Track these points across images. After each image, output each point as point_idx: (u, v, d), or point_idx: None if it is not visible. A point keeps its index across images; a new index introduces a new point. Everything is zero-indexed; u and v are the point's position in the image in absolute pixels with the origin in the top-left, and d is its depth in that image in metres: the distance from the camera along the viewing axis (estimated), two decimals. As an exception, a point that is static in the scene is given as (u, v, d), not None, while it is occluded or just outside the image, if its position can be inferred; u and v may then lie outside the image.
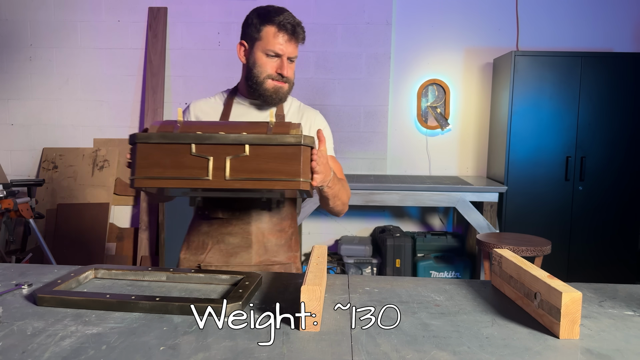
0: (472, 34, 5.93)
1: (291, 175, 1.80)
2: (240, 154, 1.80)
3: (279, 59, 2.29)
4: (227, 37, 5.90)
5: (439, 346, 1.36)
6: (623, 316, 1.62)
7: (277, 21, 2.25)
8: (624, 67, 5.29)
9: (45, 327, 1.44)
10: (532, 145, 5.38)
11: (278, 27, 2.25)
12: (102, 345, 1.33)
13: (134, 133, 1.83)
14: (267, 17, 2.27)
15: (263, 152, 1.80)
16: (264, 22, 2.27)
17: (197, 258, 2.36)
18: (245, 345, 1.34)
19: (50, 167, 5.91)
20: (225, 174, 1.80)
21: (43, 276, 1.92)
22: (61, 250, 5.64)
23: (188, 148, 1.80)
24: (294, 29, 2.27)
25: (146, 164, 1.81)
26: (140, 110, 5.99)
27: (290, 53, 2.29)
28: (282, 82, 2.32)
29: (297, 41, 2.30)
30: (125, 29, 5.94)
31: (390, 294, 1.79)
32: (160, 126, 1.89)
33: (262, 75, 2.30)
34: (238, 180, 1.80)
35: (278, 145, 1.81)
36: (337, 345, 1.35)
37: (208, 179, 1.80)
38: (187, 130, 1.87)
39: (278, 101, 2.36)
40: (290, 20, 2.26)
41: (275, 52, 2.27)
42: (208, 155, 1.80)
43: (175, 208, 5.38)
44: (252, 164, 1.80)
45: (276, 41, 2.26)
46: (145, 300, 1.58)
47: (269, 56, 2.28)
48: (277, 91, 2.32)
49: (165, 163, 1.81)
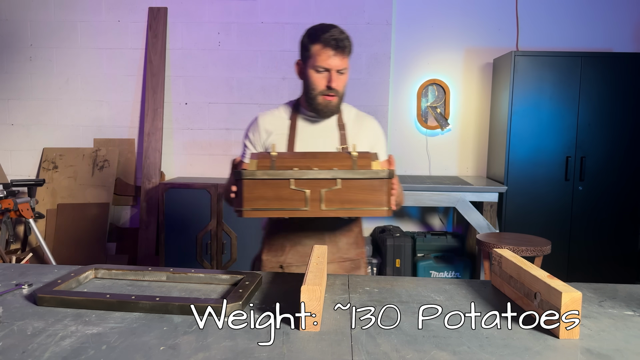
0: (472, 34, 5.93)
1: (377, 205, 2.00)
2: (333, 187, 1.99)
3: (328, 73, 2.44)
4: (227, 37, 5.90)
5: (439, 346, 1.36)
6: (623, 316, 1.63)
7: (323, 39, 2.40)
8: (624, 67, 5.29)
9: (45, 327, 1.44)
10: (532, 145, 5.38)
11: (323, 44, 2.40)
12: (102, 345, 1.33)
13: (240, 170, 2.02)
14: (314, 35, 2.44)
15: (353, 184, 2.00)
16: (312, 41, 2.45)
17: (278, 259, 2.56)
18: (245, 345, 1.34)
19: (50, 167, 5.91)
20: (320, 204, 2.00)
21: (43, 276, 1.93)
22: (61, 250, 5.64)
23: (287, 183, 1.99)
24: (337, 44, 2.40)
25: (252, 197, 2.01)
26: (140, 110, 5.99)
27: (337, 66, 2.43)
28: (331, 96, 2.48)
29: (343, 54, 2.43)
30: (126, 29, 5.94)
31: (390, 294, 1.80)
32: (258, 160, 2.08)
33: (314, 91, 2.49)
34: (332, 210, 2.00)
35: (366, 179, 2.00)
36: (337, 345, 1.35)
37: (306, 209, 2.00)
38: (282, 163, 2.06)
39: (330, 114, 2.55)
40: (335, 36, 2.40)
41: (323, 67, 2.43)
42: (305, 188, 1.99)
43: (176, 209, 5.38)
44: (343, 195, 2.00)
45: (322, 57, 2.42)
46: (146, 300, 1.58)
47: (318, 72, 2.45)
48: (327, 105, 2.50)
49: (268, 196, 2.00)
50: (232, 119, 5.96)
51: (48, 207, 5.80)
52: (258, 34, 5.88)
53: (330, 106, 2.51)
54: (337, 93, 2.49)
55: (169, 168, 6.04)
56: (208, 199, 5.34)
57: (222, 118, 5.97)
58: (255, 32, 5.88)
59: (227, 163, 5.99)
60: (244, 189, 2.01)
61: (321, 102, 2.49)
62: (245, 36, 5.89)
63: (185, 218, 5.40)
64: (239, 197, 2.04)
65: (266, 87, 5.93)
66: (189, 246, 5.41)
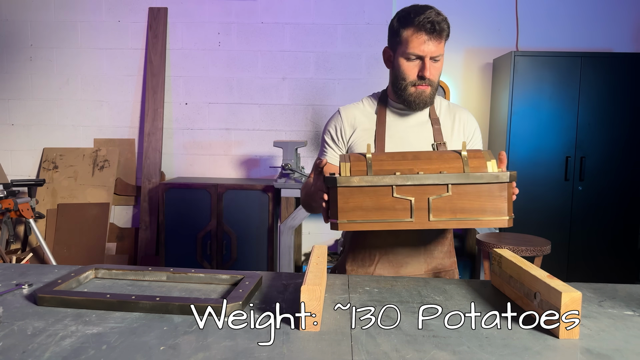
0: (472, 35, 5.93)
1: (497, 214, 1.77)
2: (443, 194, 1.76)
3: (420, 61, 2.18)
4: (227, 37, 5.91)
5: (438, 346, 1.36)
6: (623, 316, 1.62)
7: (417, 22, 2.12)
8: (624, 68, 5.30)
9: (45, 327, 1.44)
10: (532, 146, 5.38)
11: (416, 28, 2.13)
12: (102, 345, 1.33)
13: (334, 177, 1.80)
14: (406, 19, 2.16)
15: (467, 190, 1.76)
16: (403, 25, 2.17)
17: (366, 270, 2.33)
18: (245, 345, 1.34)
19: (50, 167, 5.91)
20: (428, 215, 1.77)
21: (43, 276, 1.92)
22: (61, 250, 5.64)
23: (389, 190, 1.76)
24: (433, 27, 2.11)
25: (348, 208, 1.79)
26: (140, 111, 5.99)
27: (432, 52, 2.16)
28: (424, 86, 2.22)
29: (439, 39, 2.15)
30: (126, 29, 5.94)
31: (390, 294, 1.79)
32: (352, 164, 1.85)
33: (404, 81, 2.23)
34: (442, 221, 1.77)
35: (484, 183, 1.76)
36: (337, 345, 1.35)
37: (411, 221, 1.77)
38: (380, 167, 1.83)
39: (423, 106, 2.28)
40: (430, 18, 2.11)
41: (415, 55, 2.16)
42: (409, 196, 1.77)
43: (176, 208, 5.38)
44: (455, 204, 1.77)
45: (415, 43, 2.15)
46: (146, 300, 1.58)
47: (410, 60, 2.19)
48: (420, 95, 2.24)
49: (367, 205, 1.78)
50: (232, 119, 5.96)
51: (48, 207, 5.80)
52: (258, 34, 5.89)
53: (423, 97, 2.24)
54: (431, 83, 2.23)
55: (169, 168, 6.04)
56: (208, 198, 5.34)
57: (222, 118, 5.97)
58: (255, 32, 5.89)
59: (227, 163, 5.99)
60: (339, 198, 1.79)
61: (412, 92, 2.23)
62: (245, 36, 5.89)
63: (185, 218, 5.40)
64: (332, 208, 1.82)
65: (266, 87, 5.93)
66: (189, 246, 5.41)
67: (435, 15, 2.11)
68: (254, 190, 5.34)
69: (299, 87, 5.93)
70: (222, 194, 5.33)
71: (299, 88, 5.93)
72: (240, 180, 5.72)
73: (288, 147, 5.26)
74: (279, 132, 5.97)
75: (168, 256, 5.42)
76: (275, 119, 5.96)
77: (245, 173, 6.03)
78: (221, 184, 5.35)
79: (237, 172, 6.03)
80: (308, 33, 5.86)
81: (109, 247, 5.88)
